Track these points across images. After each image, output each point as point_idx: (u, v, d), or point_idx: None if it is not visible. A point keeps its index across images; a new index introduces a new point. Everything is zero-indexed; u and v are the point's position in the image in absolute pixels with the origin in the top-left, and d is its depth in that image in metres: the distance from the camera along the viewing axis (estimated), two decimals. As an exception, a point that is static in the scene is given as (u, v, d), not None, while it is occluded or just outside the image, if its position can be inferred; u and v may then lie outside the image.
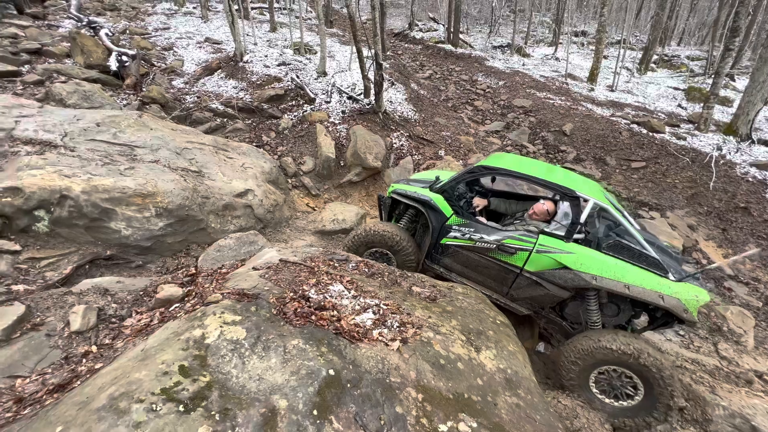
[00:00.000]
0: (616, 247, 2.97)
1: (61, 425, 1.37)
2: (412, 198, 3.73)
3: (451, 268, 3.64)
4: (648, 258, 2.91)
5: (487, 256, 3.35)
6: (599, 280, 2.88)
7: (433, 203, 3.57)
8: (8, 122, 4.11)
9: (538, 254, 3.10)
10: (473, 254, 3.42)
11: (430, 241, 3.63)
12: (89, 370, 1.91)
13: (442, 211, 3.55)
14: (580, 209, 3.05)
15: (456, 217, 3.51)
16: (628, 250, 2.94)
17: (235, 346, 1.80)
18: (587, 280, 2.91)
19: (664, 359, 2.82)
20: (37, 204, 3.28)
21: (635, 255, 2.93)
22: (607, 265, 2.90)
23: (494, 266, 3.36)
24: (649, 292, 2.79)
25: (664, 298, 2.76)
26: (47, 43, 7.84)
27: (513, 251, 3.19)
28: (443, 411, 1.86)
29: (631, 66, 13.95)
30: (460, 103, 10.10)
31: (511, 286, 3.34)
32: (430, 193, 3.64)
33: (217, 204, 4.39)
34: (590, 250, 3.00)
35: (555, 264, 3.04)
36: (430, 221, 3.60)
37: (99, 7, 11.84)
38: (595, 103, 10.24)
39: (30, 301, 2.53)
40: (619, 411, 3.00)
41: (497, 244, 3.24)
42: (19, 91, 6.08)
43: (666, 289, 2.79)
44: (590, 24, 21.82)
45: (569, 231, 3.07)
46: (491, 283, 3.47)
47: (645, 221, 6.21)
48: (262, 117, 7.51)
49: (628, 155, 7.90)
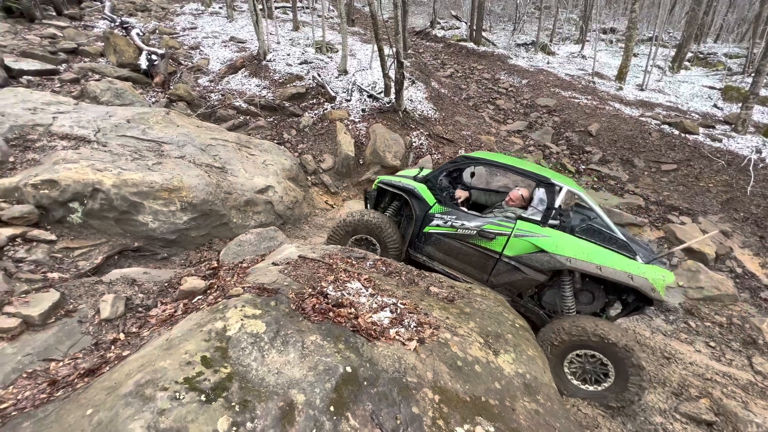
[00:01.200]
0: (589, 231, 3.12)
1: (91, 408, 1.43)
2: (397, 187, 3.86)
3: (433, 256, 3.74)
4: (618, 241, 3.07)
5: (468, 242, 3.47)
6: (573, 262, 3.01)
7: (417, 192, 3.71)
8: (47, 118, 4.32)
9: (516, 238, 3.23)
10: (455, 241, 3.55)
11: (413, 229, 3.75)
12: (117, 356, 1.98)
13: (426, 200, 3.68)
14: (555, 195, 3.20)
15: (439, 205, 3.65)
16: (600, 233, 3.10)
17: (255, 340, 1.83)
18: (562, 262, 3.04)
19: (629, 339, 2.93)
20: (72, 196, 3.44)
21: (606, 238, 3.09)
22: (581, 248, 3.04)
23: (475, 253, 3.47)
24: (619, 272, 2.94)
25: (633, 278, 2.92)
26: (83, 43, 8.21)
27: (492, 236, 3.32)
28: (460, 413, 1.83)
29: (663, 64, 13.37)
30: (481, 102, 9.95)
31: (491, 272, 3.45)
32: (414, 183, 3.79)
33: (239, 199, 4.49)
34: (565, 234, 3.14)
35: (532, 248, 3.17)
36: (414, 209, 3.72)
37: (131, 8, 12.30)
38: (624, 103, 9.87)
39: (64, 289, 2.66)
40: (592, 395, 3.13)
41: (477, 230, 3.37)
42: (56, 88, 6.39)
43: (635, 269, 2.95)
44: (620, 21, 21.04)
45: (545, 216, 3.20)
46: (472, 271, 3.56)
47: (675, 226, 5.94)
48: (283, 115, 7.62)
49: (657, 157, 7.58)
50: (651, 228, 6.14)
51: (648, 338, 4.27)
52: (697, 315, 4.77)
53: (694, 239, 4.10)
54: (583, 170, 7.49)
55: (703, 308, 4.83)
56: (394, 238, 3.77)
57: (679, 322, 4.67)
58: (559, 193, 3.21)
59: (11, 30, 7.99)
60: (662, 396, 3.46)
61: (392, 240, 3.77)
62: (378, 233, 3.79)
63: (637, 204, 6.56)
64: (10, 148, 3.86)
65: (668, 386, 3.58)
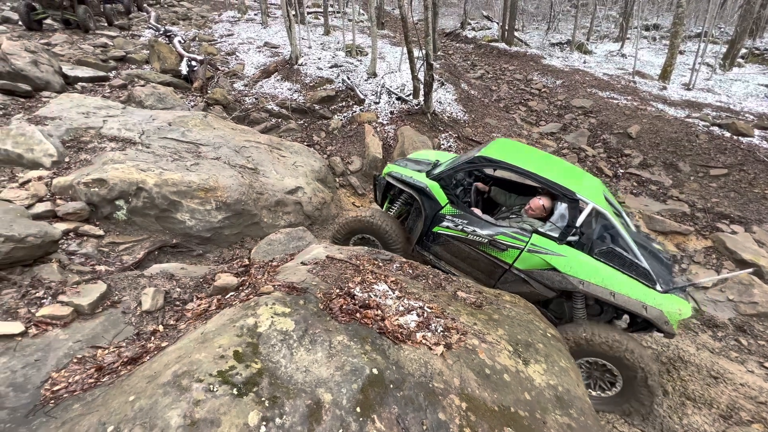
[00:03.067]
0: (608, 254, 2.97)
1: (133, 395, 1.51)
2: (407, 183, 3.68)
3: (440, 256, 3.65)
4: (638, 268, 2.92)
5: (478, 249, 3.36)
6: (586, 285, 2.93)
7: (429, 191, 3.51)
8: (98, 122, 4.65)
9: (529, 253, 3.11)
10: (464, 246, 3.42)
11: (422, 228, 3.60)
12: (156, 347, 2.09)
13: (437, 200, 3.49)
14: (578, 213, 3.02)
15: (450, 206, 3.47)
16: (620, 258, 2.95)
17: (285, 337, 1.87)
18: (574, 284, 2.95)
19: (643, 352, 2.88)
20: (118, 194, 3.67)
21: (626, 264, 2.94)
22: (597, 271, 2.93)
23: (483, 259, 3.36)
24: (633, 301, 2.84)
25: (648, 309, 2.82)
26: (130, 51, 8.77)
27: (504, 248, 3.20)
28: (488, 423, 1.78)
29: (713, 62, 12.49)
30: (512, 104, 9.71)
31: (498, 279, 3.35)
32: (426, 180, 3.57)
33: (270, 200, 4.62)
34: (582, 255, 3.00)
35: (545, 265, 3.06)
36: (423, 209, 3.55)
37: (173, 17, 13.03)
38: (668, 103, 9.31)
39: (110, 281, 2.84)
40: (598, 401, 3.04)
41: (489, 239, 3.25)
42: (107, 93, 6.86)
43: (651, 300, 2.84)
44: (664, 16, 19.88)
45: (563, 233, 3.05)
46: (479, 275, 3.47)
47: (725, 236, 5.52)
48: (313, 117, 7.79)
49: (705, 161, 7.08)
50: (697, 237, 5.74)
51: (692, 354, 3.98)
52: (749, 332, 4.40)
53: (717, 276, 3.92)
54: (622, 174, 7.13)
55: (756, 325, 4.45)
56: (395, 239, 3.69)
57: (729, 339, 4.33)
58: (583, 210, 3.02)
59: (68, 40, 8.67)
60: (709, 418, 3.22)
61: (393, 241, 3.70)
62: (378, 233, 3.73)
63: (682, 211, 6.15)
64: (66, 149, 4.19)
65: (716, 408, 3.32)
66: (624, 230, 3.00)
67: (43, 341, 2.17)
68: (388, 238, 3.71)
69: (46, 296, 2.52)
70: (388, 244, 3.74)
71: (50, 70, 6.08)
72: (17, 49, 5.88)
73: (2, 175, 3.74)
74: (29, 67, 5.76)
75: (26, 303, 2.44)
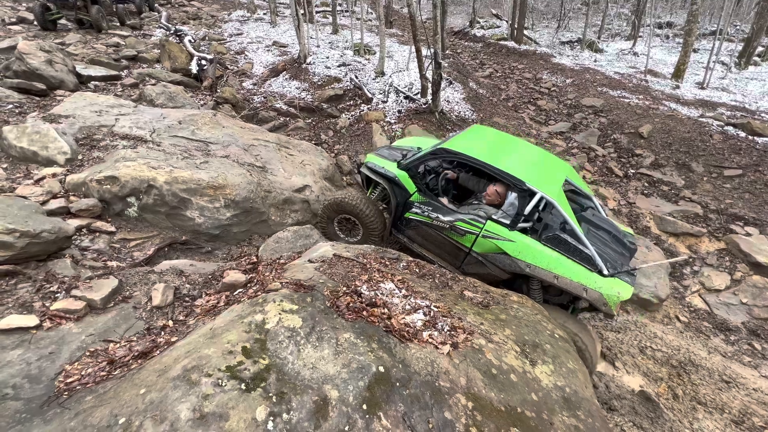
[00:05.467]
0: (554, 240, 3.20)
1: (144, 388, 1.54)
2: (379, 174, 4.00)
3: (413, 239, 3.96)
4: (582, 253, 3.12)
5: (442, 233, 3.66)
6: (532, 269, 3.18)
7: (398, 180, 3.85)
8: (110, 120, 4.73)
9: (484, 238, 3.38)
10: (431, 230, 3.73)
11: (393, 215, 3.93)
12: (166, 341, 2.12)
13: (406, 188, 3.84)
14: (526, 201, 3.24)
15: (418, 194, 3.82)
16: (565, 244, 3.16)
17: (292, 334, 1.89)
18: (522, 267, 3.22)
19: None
20: (130, 192, 3.73)
21: (570, 249, 3.15)
22: (542, 256, 3.16)
23: (448, 243, 3.66)
24: (575, 284, 3.07)
25: (587, 291, 3.05)
26: (142, 50, 8.89)
27: (462, 233, 3.49)
28: (494, 422, 1.78)
29: (728, 60, 12.22)
30: (521, 103, 9.63)
31: (463, 261, 3.64)
32: (396, 170, 3.90)
33: (278, 198, 4.65)
34: (530, 240, 3.23)
35: (497, 249, 3.33)
36: (393, 196, 3.88)
37: (184, 17, 13.17)
38: (681, 103, 9.14)
39: (121, 276, 2.89)
40: None
41: (450, 225, 3.54)
42: (119, 92, 6.97)
43: (591, 283, 3.04)
44: (678, 14, 19.51)
45: (513, 221, 3.30)
46: (447, 257, 3.76)
47: (739, 238, 5.41)
48: (321, 116, 7.81)
49: (719, 161, 6.94)
50: (710, 239, 5.63)
51: (704, 358, 3.92)
52: (763, 336, 4.31)
53: (665, 260, 4.13)
54: (632, 174, 7.02)
55: (771, 329, 4.36)
56: (372, 219, 3.92)
57: (742, 343, 4.24)
58: (532, 199, 3.22)
59: (82, 40, 8.82)
60: (720, 423, 3.16)
61: (370, 221, 3.92)
62: (357, 214, 3.94)
63: (694, 212, 6.04)
64: (79, 146, 4.26)
65: (728, 413, 3.26)
66: (572, 218, 3.18)
67: (57, 334, 2.21)
68: (366, 219, 3.94)
69: (60, 290, 2.58)
70: (366, 224, 3.98)
71: (64, 70, 6.19)
72: (33, 48, 6.00)
73: (18, 172, 3.82)
74: (44, 67, 5.87)
75: (41, 297, 2.50)
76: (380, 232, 3.99)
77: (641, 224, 6.01)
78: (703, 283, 5.06)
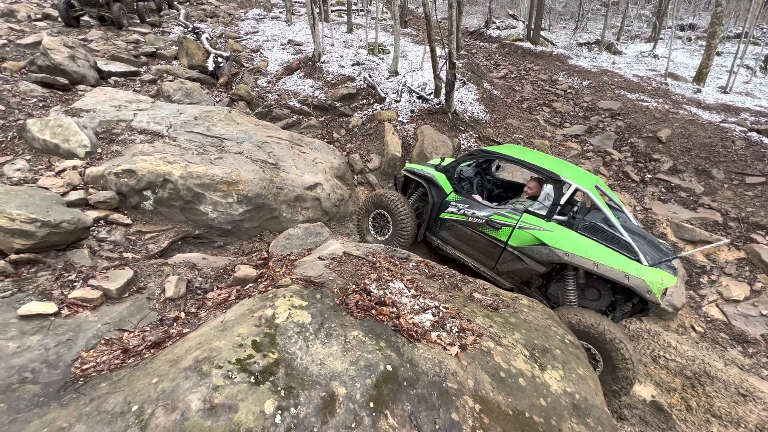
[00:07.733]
0: (591, 229, 3.23)
1: (156, 377, 1.57)
2: (418, 175, 4.32)
3: (447, 241, 4.08)
4: (620, 241, 3.11)
5: (478, 230, 3.74)
6: (570, 257, 3.15)
7: (435, 180, 4.12)
8: (129, 115, 4.83)
9: (520, 230, 3.43)
10: (466, 228, 3.83)
11: (430, 214, 4.11)
12: (178, 333, 2.16)
13: (443, 188, 4.06)
14: (561, 192, 3.35)
15: (455, 194, 4.01)
16: (602, 232, 3.19)
17: (301, 329, 1.90)
18: (560, 256, 3.19)
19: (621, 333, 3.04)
20: (146, 185, 3.81)
21: (608, 237, 3.16)
22: (580, 244, 3.15)
23: (483, 240, 3.72)
24: (615, 270, 3.01)
25: (629, 278, 2.97)
26: (160, 47, 9.06)
27: (499, 227, 3.56)
28: (501, 426, 1.76)
29: (753, 64, 11.84)
30: (536, 105, 9.50)
31: (497, 260, 3.67)
32: (433, 171, 4.20)
33: (290, 195, 4.69)
34: (566, 230, 3.25)
35: (534, 240, 3.34)
36: (431, 196, 4.11)
37: (202, 15, 13.38)
38: (702, 107, 8.89)
39: (136, 268, 2.96)
40: None
41: (486, 219, 3.63)
42: (137, 88, 7.12)
43: (633, 270, 2.98)
44: (701, 16, 18.98)
45: (550, 211, 3.36)
46: (481, 257, 3.83)
47: (760, 247, 5.24)
48: (334, 115, 7.84)
49: (741, 168, 6.73)
50: (729, 247, 5.47)
51: (720, 370, 3.81)
52: (783, 350, 4.16)
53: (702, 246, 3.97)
54: (650, 180, 6.86)
55: (792, 343, 4.21)
56: (405, 219, 4.11)
57: (761, 356, 4.11)
58: (566, 190, 3.34)
59: (103, 36, 9.04)
60: (735, 437, 3.07)
61: (402, 219, 4.11)
62: (392, 210, 4.17)
63: (713, 219, 5.87)
64: (99, 140, 4.37)
65: (743, 427, 3.17)
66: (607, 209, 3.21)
67: (74, 322, 2.28)
68: (399, 216, 4.15)
69: (78, 279, 2.65)
70: (397, 222, 4.18)
71: (86, 65, 6.36)
72: (57, 44, 6.17)
73: (40, 164, 3.94)
74: (67, 62, 6.04)
75: (59, 285, 2.57)
76: (409, 234, 4.15)
77: (657, 231, 5.87)
78: (721, 293, 4.92)
